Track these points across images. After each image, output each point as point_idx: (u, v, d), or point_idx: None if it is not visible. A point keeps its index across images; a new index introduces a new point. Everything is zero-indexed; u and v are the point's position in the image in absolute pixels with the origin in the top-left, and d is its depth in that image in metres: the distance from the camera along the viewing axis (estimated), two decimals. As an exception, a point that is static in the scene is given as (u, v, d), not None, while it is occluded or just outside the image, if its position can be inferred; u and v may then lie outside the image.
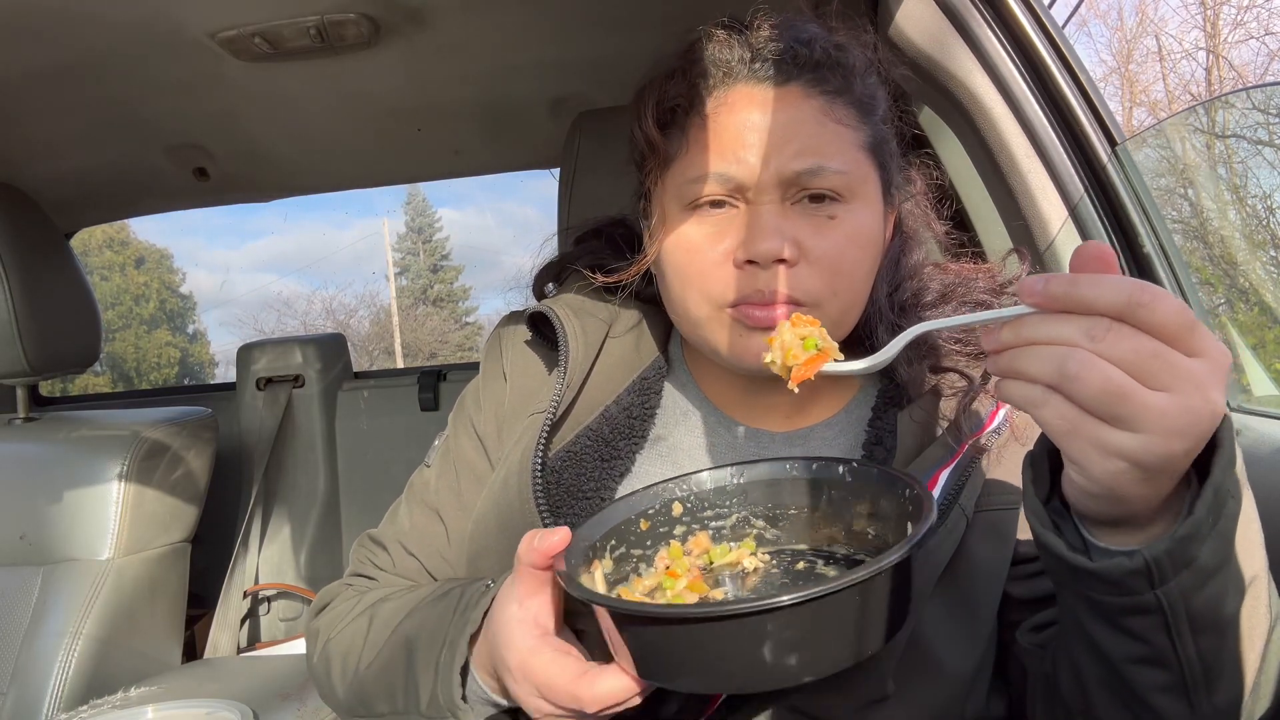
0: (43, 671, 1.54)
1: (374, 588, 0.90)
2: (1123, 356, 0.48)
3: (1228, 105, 2.19)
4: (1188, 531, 0.51)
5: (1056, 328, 0.50)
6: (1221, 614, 0.55)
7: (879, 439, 0.82)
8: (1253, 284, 1.60)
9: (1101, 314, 0.49)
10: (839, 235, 0.76)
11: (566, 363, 0.85)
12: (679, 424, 0.88)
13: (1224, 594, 0.54)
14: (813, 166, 0.74)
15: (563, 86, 1.65)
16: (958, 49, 1.08)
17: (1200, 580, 0.53)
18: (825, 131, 0.76)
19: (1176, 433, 0.49)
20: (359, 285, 40.20)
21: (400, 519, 0.94)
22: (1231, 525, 0.53)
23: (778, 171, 0.75)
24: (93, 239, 21.10)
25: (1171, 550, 0.51)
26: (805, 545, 0.73)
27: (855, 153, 0.78)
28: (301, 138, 1.81)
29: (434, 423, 1.01)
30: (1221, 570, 0.53)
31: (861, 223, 0.77)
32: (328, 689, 0.87)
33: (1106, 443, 0.50)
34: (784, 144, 0.75)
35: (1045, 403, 0.51)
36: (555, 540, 0.64)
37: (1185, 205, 1.52)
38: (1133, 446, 0.49)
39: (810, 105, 0.76)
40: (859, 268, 0.78)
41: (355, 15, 1.28)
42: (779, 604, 0.52)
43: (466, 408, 0.95)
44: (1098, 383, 0.48)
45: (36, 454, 1.74)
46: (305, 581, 2.17)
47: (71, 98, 1.53)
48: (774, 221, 0.75)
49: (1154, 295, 0.48)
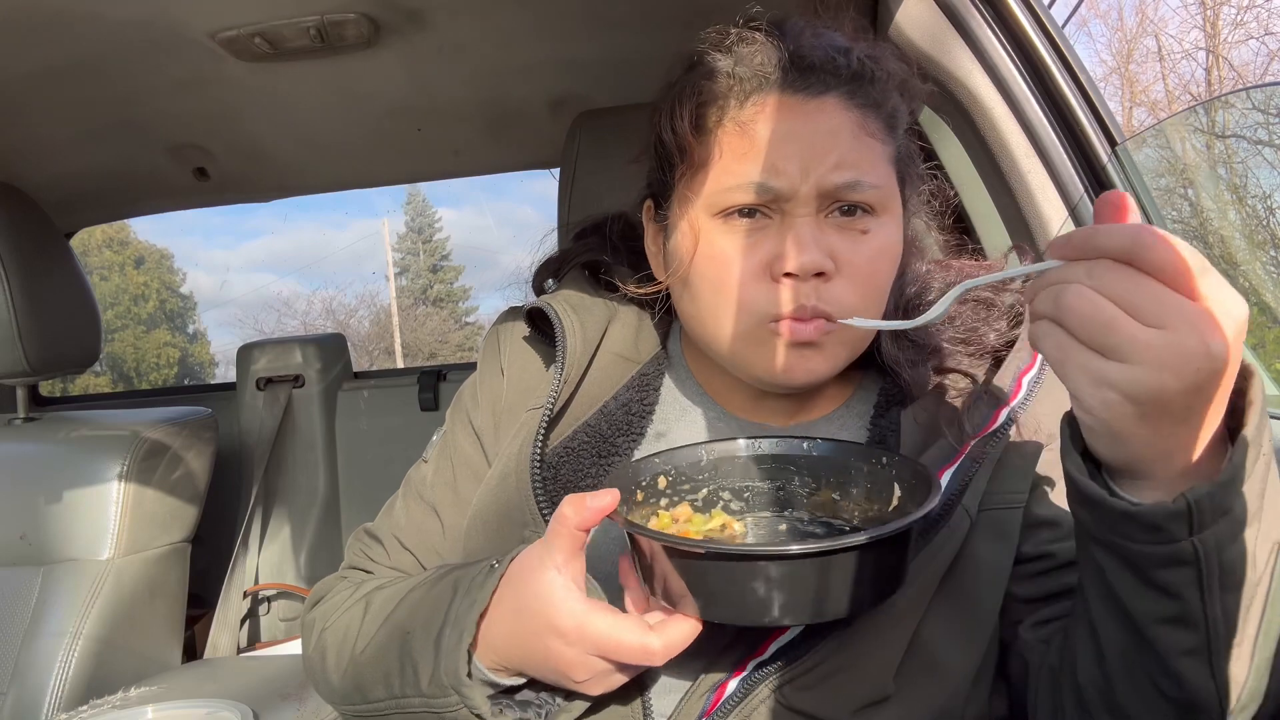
0: (43, 671, 1.54)
1: (369, 579, 0.90)
2: (1115, 291, 0.51)
3: (1228, 105, 2.19)
4: (1228, 476, 0.52)
5: (1066, 270, 0.53)
6: (1249, 570, 0.55)
7: (882, 437, 0.82)
8: (1253, 284, 1.60)
9: (1109, 256, 0.51)
10: (872, 249, 0.76)
11: (564, 358, 0.85)
12: (679, 420, 0.88)
13: (1254, 549, 0.55)
14: (851, 180, 0.74)
15: (563, 86, 1.65)
16: (957, 49, 1.08)
17: (1234, 530, 0.53)
18: (861, 145, 0.75)
19: (1166, 368, 0.50)
20: (359, 285, 40.21)
21: (396, 514, 0.94)
22: (1261, 481, 0.54)
23: (817, 184, 0.74)
24: (93, 239, 21.09)
25: (1213, 493, 0.52)
26: (770, 513, 0.79)
27: (886, 166, 0.78)
28: (301, 138, 1.81)
29: (434, 422, 1.01)
30: (1253, 523, 0.54)
31: (890, 236, 0.78)
32: (322, 679, 0.86)
33: (1095, 371, 0.52)
34: (824, 156, 0.74)
35: (1047, 335, 0.54)
36: (608, 501, 0.65)
37: (1185, 205, 1.52)
38: (1121, 377, 0.51)
39: (848, 118, 0.76)
40: (888, 281, 0.79)
41: (355, 15, 1.28)
42: (850, 544, 0.59)
43: (464, 404, 0.95)
44: (1086, 310, 0.51)
45: (36, 454, 1.74)
46: (305, 581, 2.17)
47: (71, 98, 1.53)
48: (813, 234, 0.74)
49: (1155, 238, 0.50)
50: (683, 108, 0.79)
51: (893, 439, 0.81)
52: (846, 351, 0.79)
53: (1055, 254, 0.54)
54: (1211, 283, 0.50)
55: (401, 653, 0.74)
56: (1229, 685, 0.57)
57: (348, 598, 0.87)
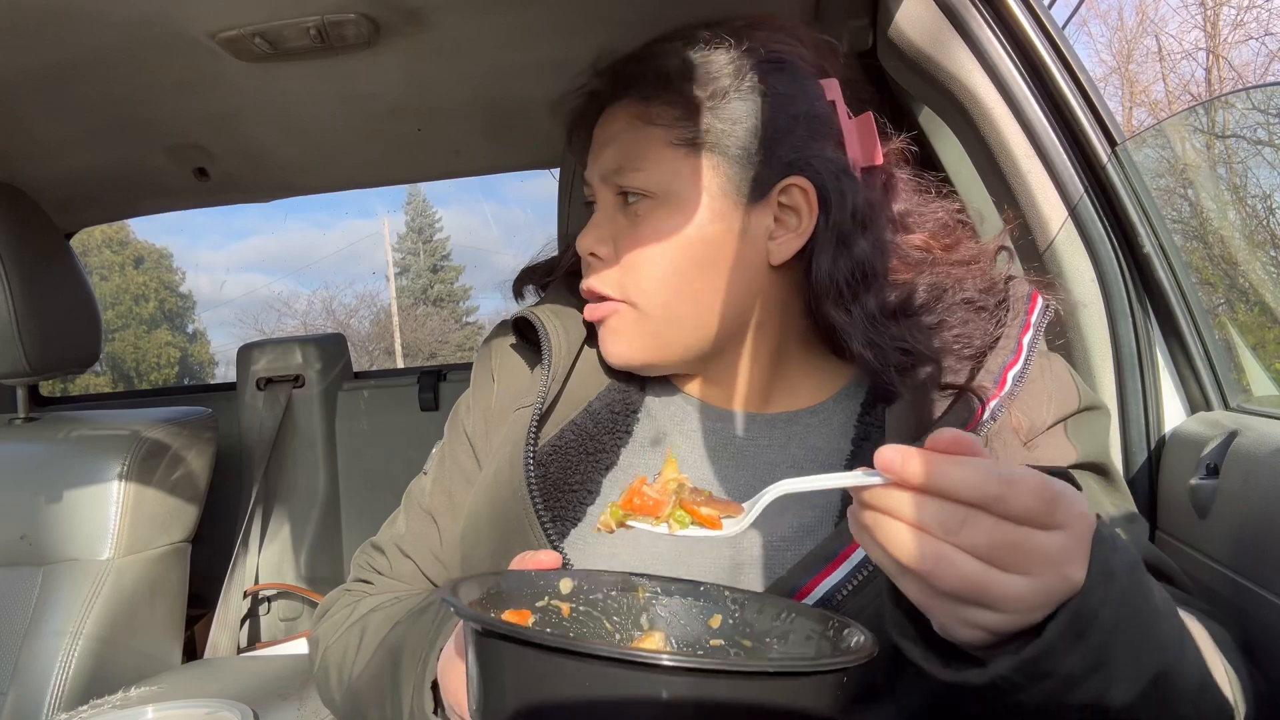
0: (43, 671, 1.54)
1: (368, 595, 0.94)
2: (978, 548, 0.49)
3: (1228, 105, 2.19)
4: (1035, 653, 0.50)
5: (915, 511, 0.50)
6: (1112, 705, 0.53)
7: (866, 434, 0.83)
8: (1253, 284, 1.60)
9: (963, 502, 0.49)
10: (642, 231, 0.83)
11: (550, 356, 0.88)
12: (662, 415, 0.91)
13: (1109, 688, 0.52)
14: (615, 166, 0.84)
15: (563, 86, 1.65)
16: (957, 49, 1.08)
17: (1071, 685, 0.52)
18: (638, 134, 0.84)
19: (1035, 608, 0.50)
20: (359, 285, 40.17)
21: (398, 524, 0.98)
22: (1107, 634, 0.51)
23: (598, 172, 0.87)
24: (93, 239, 21.08)
25: (1020, 668, 0.51)
26: None
27: (665, 150, 0.83)
28: (301, 138, 1.81)
29: (434, 422, 1.03)
30: (1100, 670, 0.52)
31: (669, 220, 0.82)
32: (328, 696, 0.91)
33: (967, 618, 0.51)
34: (602, 148, 0.87)
35: (902, 576, 0.52)
36: (545, 559, 0.67)
37: (1185, 205, 1.52)
38: (992, 621, 0.51)
39: (627, 113, 0.86)
40: (660, 265, 0.82)
41: (355, 15, 1.28)
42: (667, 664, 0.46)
43: (459, 415, 0.99)
44: (956, 577, 0.49)
45: (36, 454, 1.74)
46: (305, 581, 2.16)
47: (71, 98, 1.53)
48: (596, 218, 0.87)
49: (1010, 486, 0.49)
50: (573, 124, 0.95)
51: (877, 435, 0.82)
52: (649, 341, 0.85)
53: (885, 473, 0.51)
54: (1064, 507, 0.49)
55: (390, 680, 0.79)
56: None
57: (347, 617, 0.91)
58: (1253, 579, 0.81)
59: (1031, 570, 0.49)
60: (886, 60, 1.26)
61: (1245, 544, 0.84)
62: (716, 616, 0.67)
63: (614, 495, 0.86)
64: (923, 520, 0.50)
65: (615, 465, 0.88)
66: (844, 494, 0.80)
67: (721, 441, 0.87)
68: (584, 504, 0.85)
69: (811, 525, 0.80)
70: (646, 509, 0.62)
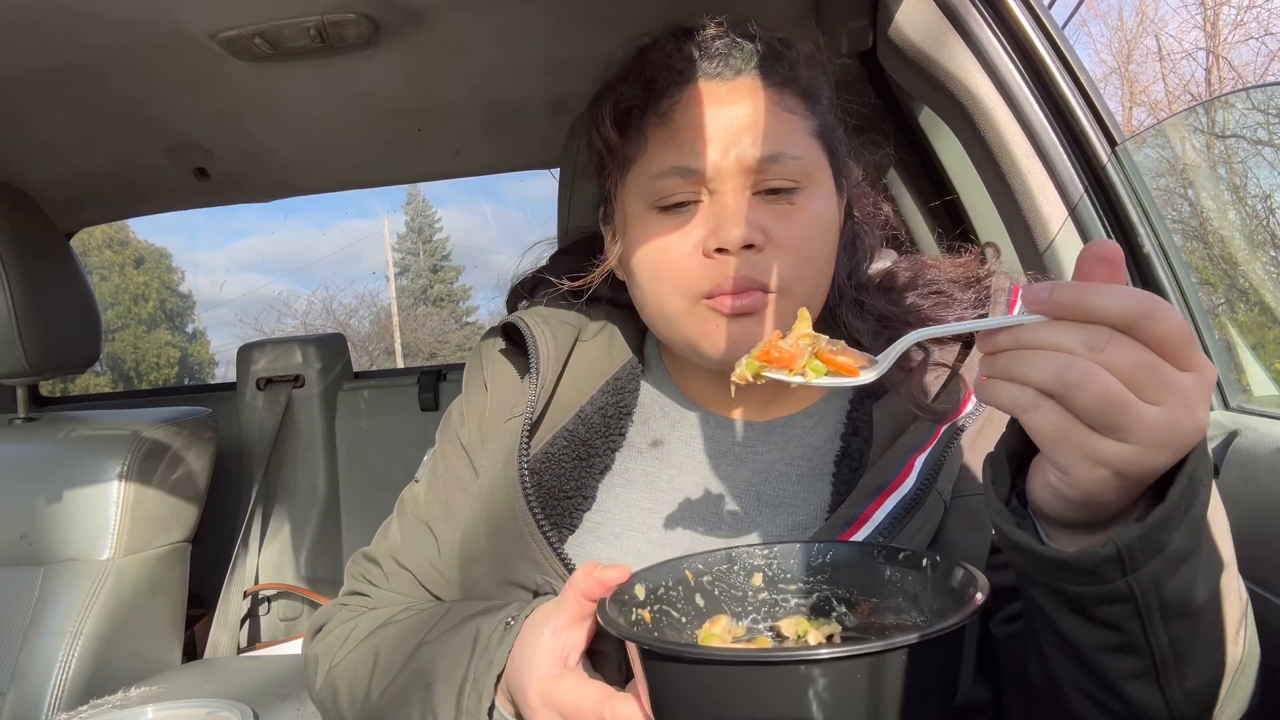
0: (43, 671, 1.54)
1: (369, 609, 0.92)
2: (1121, 368, 0.49)
3: (1228, 105, 2.19)
4: (1160, 517, 0.51)
5: (1058, 335, 0.50)
6: (1193, 600, 0.54)
7: (855, 429, 0.84)
8: (1253, 284, 1.60)
9: (1108, 325, 0.49)
10: (802, 219, 0.79)
11: (538, 364, 0.87)
12: (659, 420, 0.90)
13: (1195, 580, 0.54)
14: (771, 153, 0.78)
15: (563, 86, 1.65)
16: (957, 49, 1.08)
17: (1172, 566, 0.52)
18: (779, 120, 0.79)
19: (1163, 445, 0.49)
20: (359, 285, 40.19)
21: (391, 534, 0.96)
22: (1203, 512, 0.53)
23: (739, 159, 0.77)
24: (93, 239, 21.08)
25: (1144, 536, 0.51)
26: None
27: (807, 139, 0.81)
28: (301, 138, 1.81)
29: (434, 422, 1.02)
30: (1193, 557, 0.53)
31: (821, 208, 0.81)
32: (336, 714, 0.88)
33: (1095, 451, 0.50)
34: (742, 133, 0.78)
35: (1036, 408, 0.51)
36: (615, 574, 0.65)
37: (1185, 205, 1.52)
38: (1120, 456, 0.50)
39: (763, 96, 0.80)
40: (822, 251, 0.81)
41: (355, 15, 1.28)
42: (816, 656, 0.50)
43: (452, 423, 0.97)
44: (1097, 392, 0.49)
45: (36, 454, 1.74)
46: (305, 581, 2.17)
47: (71, 98, 1.53)
48: (740, 208, 0.77)
49: (1161, 309, 0.49)
50: (605, 110, 0.84)
51: (865, 430, 0.83)
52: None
53: (1032, 307, 0.51)
54: (1197, 349, 0.50)
55: (423, 704, 0.76)
56: (1183, 700, 0.57)
57: (351, 632, 0.89)
58: (1252, 579, 0.81)
59: (1165, 400, 0.49)
60: (886, 60, 1.26)
61: (1245, 544, 0.84)
62: (756, 575, 0.69)
63: (609, 501, 0.86)
64: (1068, 343, 0.50)
65: (610, 469, 0.88)
66: (833, 495, 0.81)
67: (721, 448, 0.87)
68: (580, 510, 0.85)
69: (806, 523, 0.80)
70: (782, 360, 0.63)
